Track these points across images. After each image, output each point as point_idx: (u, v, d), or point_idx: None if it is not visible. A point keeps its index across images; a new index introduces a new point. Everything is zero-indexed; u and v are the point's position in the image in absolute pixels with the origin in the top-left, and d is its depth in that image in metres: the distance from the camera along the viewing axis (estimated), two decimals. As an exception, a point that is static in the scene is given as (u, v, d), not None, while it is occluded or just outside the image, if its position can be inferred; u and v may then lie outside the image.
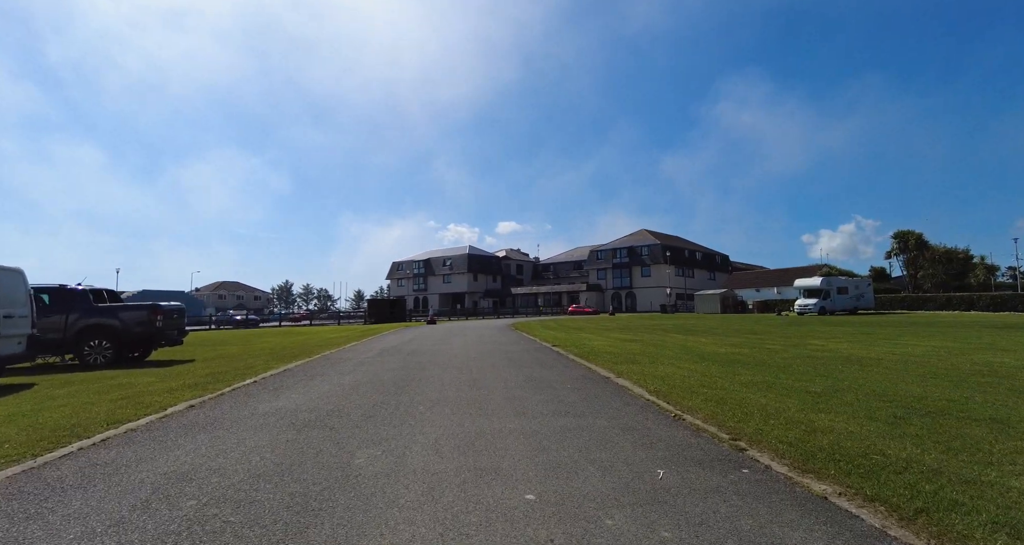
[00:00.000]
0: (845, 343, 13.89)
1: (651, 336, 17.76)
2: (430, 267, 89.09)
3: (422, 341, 16.25)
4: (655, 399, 6.04)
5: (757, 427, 4.57)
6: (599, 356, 10.68)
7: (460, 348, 13.42)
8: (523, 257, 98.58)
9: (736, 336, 17.49)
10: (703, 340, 15.62)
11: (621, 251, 74.62)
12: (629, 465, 3.64)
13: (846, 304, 40.37)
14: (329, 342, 16.92)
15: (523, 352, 12.09)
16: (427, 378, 7.92)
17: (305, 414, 5.38)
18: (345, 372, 8.77)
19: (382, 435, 4.49)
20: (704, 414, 5.19)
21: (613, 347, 12.95)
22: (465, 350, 12.80)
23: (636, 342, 14.82)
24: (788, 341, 15.04)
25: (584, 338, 16.56)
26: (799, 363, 9.36)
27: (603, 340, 15.61)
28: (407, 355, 11.67)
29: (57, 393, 7.06)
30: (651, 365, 9.11)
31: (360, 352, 12.70)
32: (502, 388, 6.92)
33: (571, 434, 4.49)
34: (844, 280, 41.94)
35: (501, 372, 8.53)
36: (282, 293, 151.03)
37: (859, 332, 18.81)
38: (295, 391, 6.88)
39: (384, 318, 46.12)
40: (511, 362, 10.02)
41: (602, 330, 22.31)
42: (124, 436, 4.51)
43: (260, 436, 4.50)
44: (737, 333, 19.30)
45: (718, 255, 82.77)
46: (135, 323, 11.25)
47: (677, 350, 12.10)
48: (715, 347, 13.09)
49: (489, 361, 10.17)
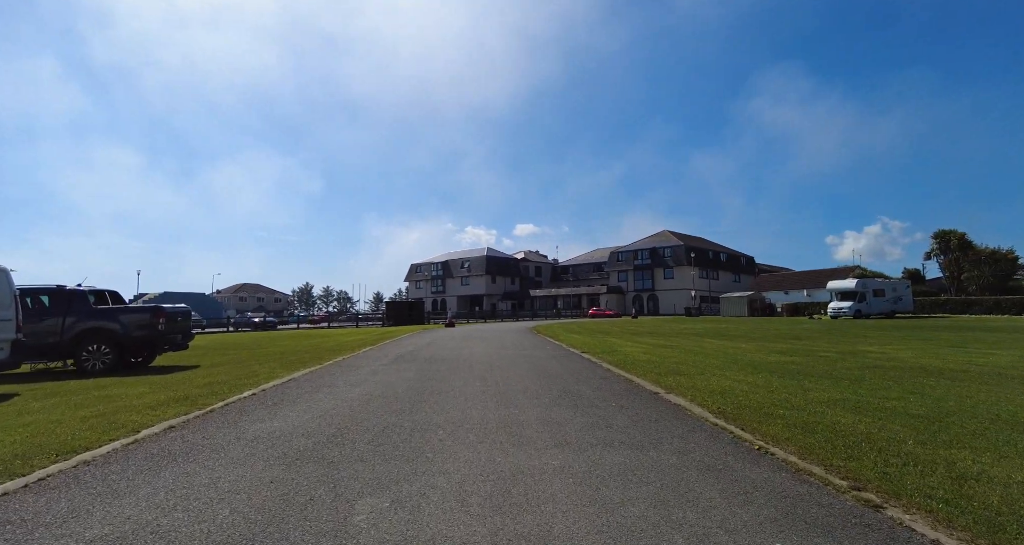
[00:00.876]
0: (906, 350, 12.56)
1: (685, 341, 16.57)
2: (448, 269, 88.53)
3: (440, 346, 15.33)
4: (723, 423, 4.97)
5: (878, 469, 3.49)
6: (637, 365, 9.60)
7: (481, 354, 12.45)
8: (542, 259, 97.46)
9: (778, 341, 16.21)
10: (744, 346, 14.40)
11: (643, 252, 73.00)
12: (731, 533, 2.60)
13: (883, 307, 38.42)
14: (343, 346, 16.11)
15: (551, 360, 11.06)
16: (447, 391, 6.95)
17: (301, 440, 4.45)
18: (355, 383, 7.85)
19: (392, 475, 3.52)
20: (796, 446, 4.12)
21: (649, 354, 11.83)
22: (487, 357, 11.82)
23: (672, 348, 13.67)
24: (838, 348, 13.74)
25: (614, 343, 15.45)
26: (870, 375, 8.16)
27: (635, 346, 14.48)
28: (424, 362, 10.74)
29: (32, 407, 6.27)
30: (701, 377, 8.00)
31: (374, 358, 11.81)
32: (534, 405, 5.91)
33: (633, 476, 3.46)
34: (880, 282, 39.97)
35: (530, 384, 7.52)
36: (302, 295, 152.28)
37: (912, 337, 17.35)
38: (296, 407, 5.97)
39: (402, 320, 45.48)
40: (540, 372, 9.01)
41: (630, 334, 21.14)
42: (70, 473, 3.61)
43: (239, 474, 3.57)
44: (778, 338, 17.98)
45: (743, 256, 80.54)
46: (136, 326, 10.52)
47: (722, 358, 10.95)
48: (761, 354, 11.90)
49: (515, 371, 9.17)
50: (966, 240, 45.09)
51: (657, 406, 5.87)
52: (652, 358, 10.90)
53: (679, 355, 11.62)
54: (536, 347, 14.61)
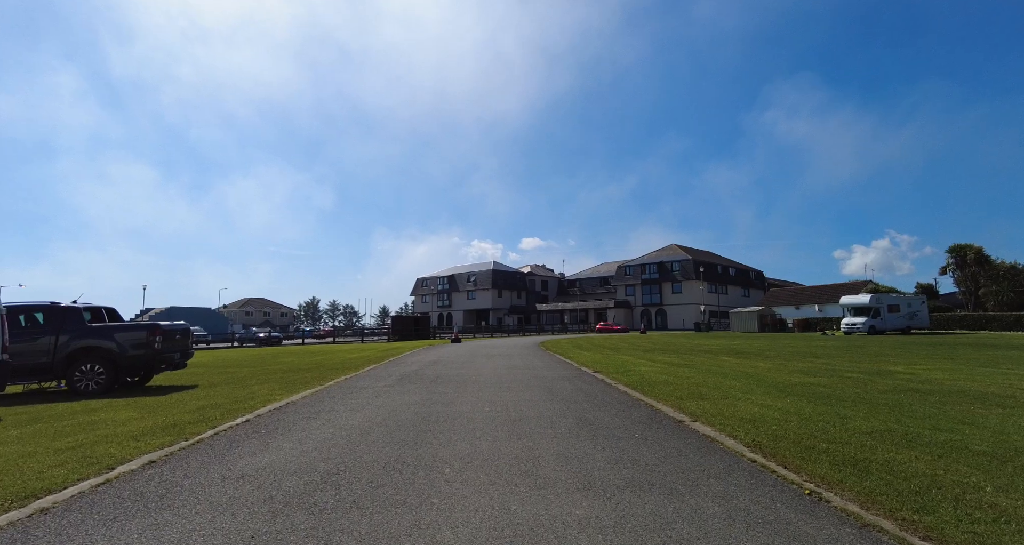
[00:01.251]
0: (936, 370, 11.94)
1: (701, 359, 15.98)
2: (454, 283, 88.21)
3: (447, 364, 14.83)
4: (762, 459, 4.45)
5: (963, 527, 2.96)
6: (655, 387, 9.07)
7: (490, 374, 11.94)
8: (548, 273, 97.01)
9: (797, 360, 15.59)
10: (763, 365, 13.80)
11: (651, 266, 72.40)
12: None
13: (898, 323, 37.55)
14: (347, 364, 15.65)
15: (563, 380, 10.54)
16: (454, 418, 6.46)
17: (291, 480, 3.97)
18: (357, 407, 7.37)
19: (392, 528, 3.04)
20: (853, 492, 3.60)
21: (665, 374, 11.28)
22: (496, 376, 11.31)
23: (688, 367, 13.10)
24: (862, 367, 13.12)
25: (626, 362, 14.89)
26: (908, 400, 7.60)
27: (649, 364, 13.92)
28: (431, 382, 10.25)
29: (9, 436, 5.83)
30: (726, 401, 7.47)
31: (378, 378, 11.33)
32: (551, 436, 5.41)
33: (673, 531, 2.96)
34: (895, 297, 39.15)
35: (543, 410, 7.01)
36: (308, 310, 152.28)
37: (937, 355, 16.67)
38: (290, 437, 5.50)
39: (408, 335, 45.01)
40: (552, 395, 8.49)
41: (641, 351, 20.55)
42: (19, 527, 3.15)
43: (217, 525, 3.10)
44: (795, 356, 17.34)
45: (752, 271, 79.73)
46: (131, 345, 10.12)
47: (743, 379, 10.39)
48: (783, 374, 11.32)
49: (526, 394, 8.66)
50: (983, 254, 44.11)
51: (685, 437, 5.35)
52: (669, 379, 10.36)
53: (697, 375, 11.06)
54: (546, 365, 14.09)
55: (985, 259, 43.89)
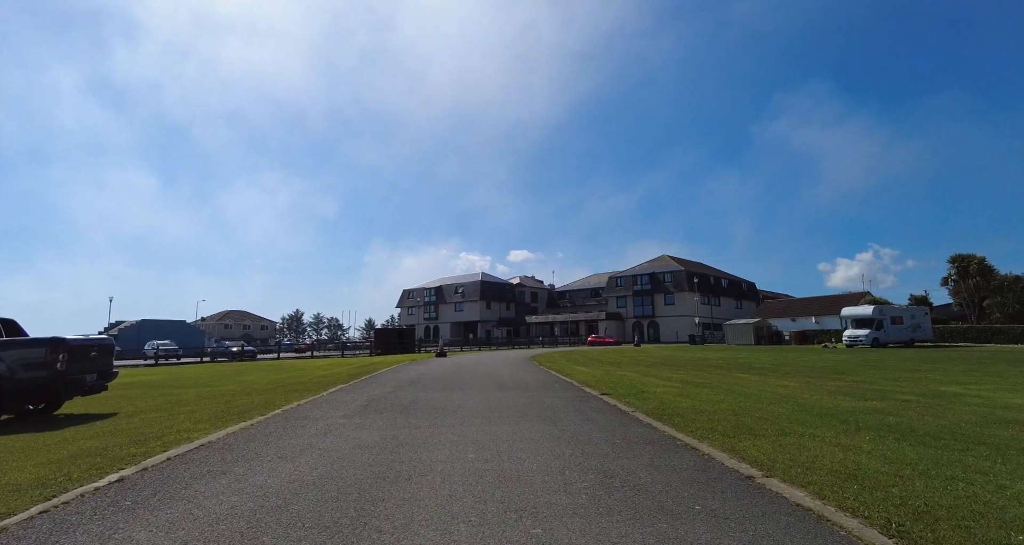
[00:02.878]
0: (1002, 391, 10.25)
1: (715, 377, 14.16)
2: (441, 295, 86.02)
3: (427, 384, 12.83)
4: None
5: None
6: (685, 417, 7.19)
7: (476, 397, 10.00)
8: (538, 284, 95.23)
9: (822, 377, 13.84)
10: (789, 383, 12.02)
11: (642, 277, 70.94)
12: None
13: (901, 335, 36.22)
14: (312, 384, 13.58)
15: (567, 407, 8.62)
16: (423, 474, 4.52)
17: None
18: (291, 453, 5.39)
19: None
20: None
21: (687, 397, 9.42)
22: (483, 402, 9.37)
23: (708, 387, 11.24)
24: (906, 386, 11.40)
25: (633, 379, 13.01)
26: (993, 432, 5.86)
27: (662, 383, 12.04)
28: (401, 411, 8.27)
29: None
30: (787, 439, 5.61)
31: (339, 404, 9.32)
32: (567, 511, 3.49)
33: None
34: (898, 309, 37.88)
35: (549, 457, 5.08)
36: (292, 322, 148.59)
37: (974, 370, 15.05)
38: (175, 506, 3.54)
39: (392, 349, 42.71)
40: (558, 430, 6.58)
41: (644, 366, 18.69)
42: None
43: None
44: (816, 371, 15.61)
45: (744, 282, 78.68)
46: (23, 365, 8.02)
47: (782, 404, 8.56)
48: (822, 396, 9.54)
49: (523, 429, 6.73)
50: (986, 265, 43.06)
51: (773, 511, 3.46)
52: (696, 404, 8.49)
53: (725, 398, 9.21)
54: (542, 385, 12.15)
55: (988, 270, 42.85)
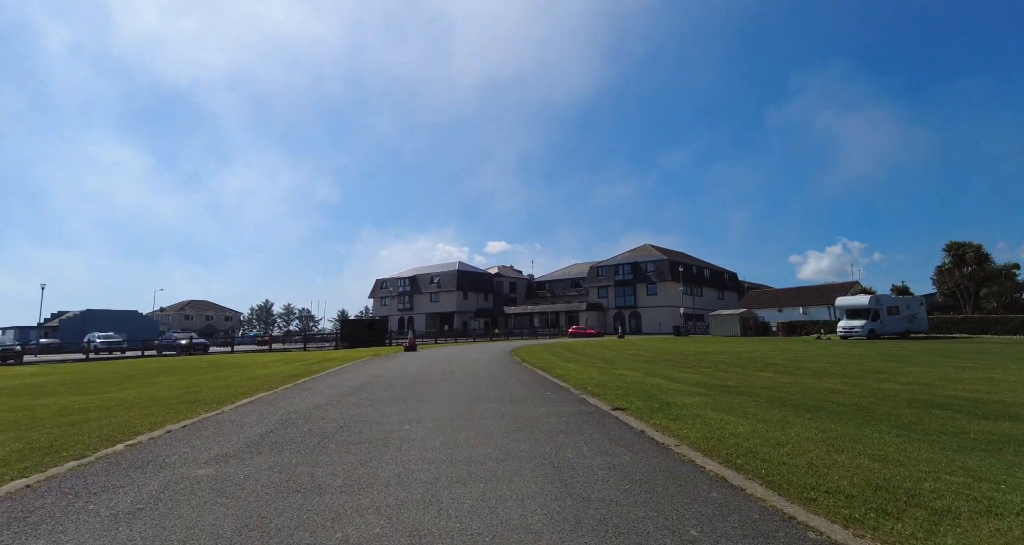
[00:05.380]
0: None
1: (733, 376, 11.64)
2: (416, 285, 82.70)
3: (375, 392, 9.99)
4: None
5: None
6: (766, 460, 4.54)
7: (439, 415, 7.23)
8: (516, 274, 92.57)
9: (856, 373, 11.44)
10: (833, 386, 9.55)
11: (624, 267, 68.86)
12: None
13: (897, 326, 34.69)
14: (231, 390, 10.62)
15: (571, 433, 5.90)
16: None
17: None
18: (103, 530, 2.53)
19: None
20: None
21: (729, 412, 6.79)
22: (449, 423, 6.61)
23: (741, 394, 8.66)
24: (964, 385, 9.03)
25: (638, 381, 10.40)
26: None
27: (679, 389, 9.42)
28: (311, 449, 5.43)
29: None
30: (977, 512, 2.99)
31: (230, 431, 6.44)
32: None
33: None
34: (895, 299, 36.39)
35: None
36: (261, 313, 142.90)
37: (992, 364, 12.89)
38: None
39: (360, 342, 39.58)
40: (568, 492, 3.86)
41: (641, 362, 16.14)
42: None
43: None
44: (839, 366, 13.25)
45: (726, 272, 77.39)
46: None
47: (884, 426, 6.01)
48: (890, 406, 7.04)
49: (507, 491, 4.00)
50: (983, 253, 41.96)
51: None
52: (756, 427, 5.85)
53: (794, 420, 6.62)
54: (530, 392, 9.45)
55: (985, 258, 41.76)
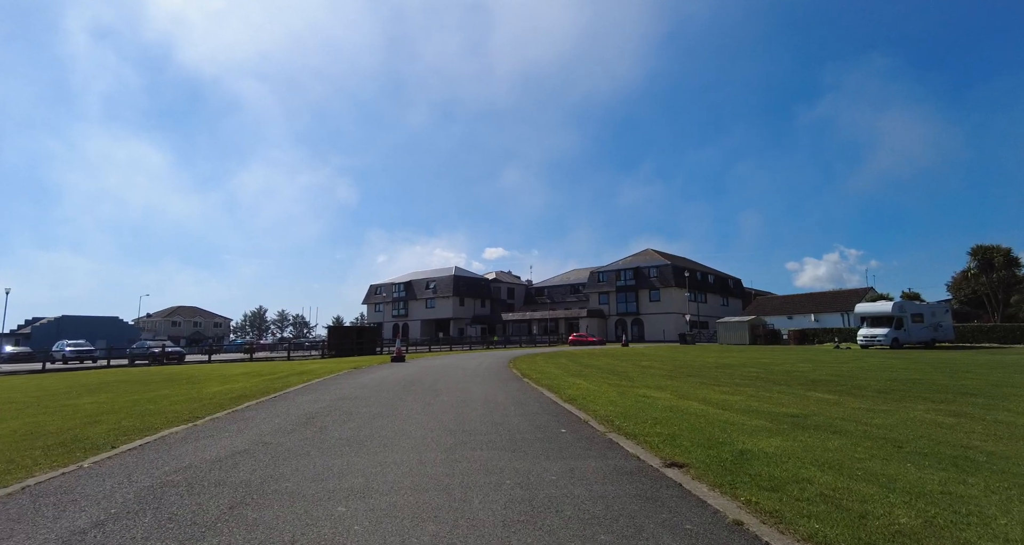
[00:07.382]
0: None
1: (792, 401, 9.37)
2: (412, 290, 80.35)
3: (332, 426, 7.70)
4: None
5: None
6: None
7: (406, 470, 4.98)
8: (514, 280, 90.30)
9: (947, 401, 9.20)
10: (920, 414, 7.30)
11: (626, 272, 66.65)
12: None
13: (922, 335, 32.51)
14: (150, 418, 8.33)
15: (611, 514, 3.65)
16: None
17: None
18: None
19: None
20: None
21: (839, 472, 4.54)
22: (413, 494, 4.35)
23: (827, 431, 6.38)
24: None
25: (676, 408, 8.12)
26: None
27: (737, 420, 7.13)
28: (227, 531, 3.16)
29: None
30: None
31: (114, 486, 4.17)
32: None
33: None
34: (919, 305, 34.22)
35: None
36: (255, 320, 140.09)
37: None
38: None
39: (348, 350, 37.19)
40: None
41: (661, 378, 13.86)
42: None
43: None
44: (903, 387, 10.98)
45: (730, 278, 75.29)
46: None
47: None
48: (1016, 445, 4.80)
49: None
50: (1012, 257, 39.86)
51: None
52: (939, 519, 3.61)
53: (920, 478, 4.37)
54: (538, 431, 7.18)
55: (1015, 261, 39.63)
